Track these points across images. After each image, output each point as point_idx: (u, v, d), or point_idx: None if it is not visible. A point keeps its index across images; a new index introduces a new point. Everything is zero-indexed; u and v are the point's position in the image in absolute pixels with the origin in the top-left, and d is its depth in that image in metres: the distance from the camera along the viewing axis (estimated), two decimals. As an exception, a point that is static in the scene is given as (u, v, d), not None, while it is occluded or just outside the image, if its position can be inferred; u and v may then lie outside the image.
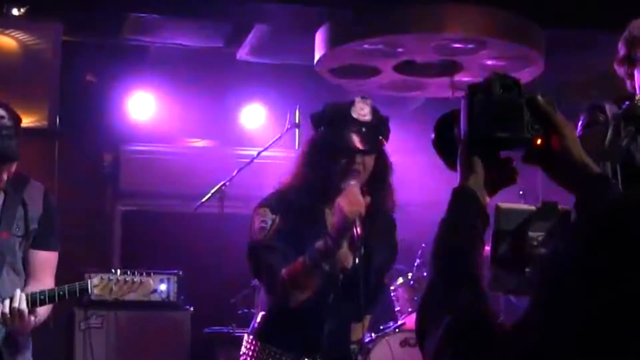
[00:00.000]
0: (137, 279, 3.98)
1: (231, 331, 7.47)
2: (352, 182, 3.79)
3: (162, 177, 9.10)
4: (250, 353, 4.02)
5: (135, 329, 7.36)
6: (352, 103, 3.92)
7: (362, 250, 3.83)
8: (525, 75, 8.02)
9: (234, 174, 7.34)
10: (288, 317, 3.96)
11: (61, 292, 3.95)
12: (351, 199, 3.71)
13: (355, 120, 3.89)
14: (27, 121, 8.29)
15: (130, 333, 7.31)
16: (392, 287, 8.09)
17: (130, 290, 3.99)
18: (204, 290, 7.89)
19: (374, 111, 3.97)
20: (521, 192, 7.81)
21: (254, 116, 9.05)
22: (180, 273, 7.55)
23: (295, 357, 3.95)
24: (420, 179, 9.33)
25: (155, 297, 7.40)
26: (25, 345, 4.18)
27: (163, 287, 7.46)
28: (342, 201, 3.70)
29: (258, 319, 4.09)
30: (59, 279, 4.29)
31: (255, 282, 4.17)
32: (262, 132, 8.74)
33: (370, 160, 3.93)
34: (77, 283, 3.97)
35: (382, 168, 4.06)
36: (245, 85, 8.68)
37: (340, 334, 4.05)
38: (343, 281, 3.89)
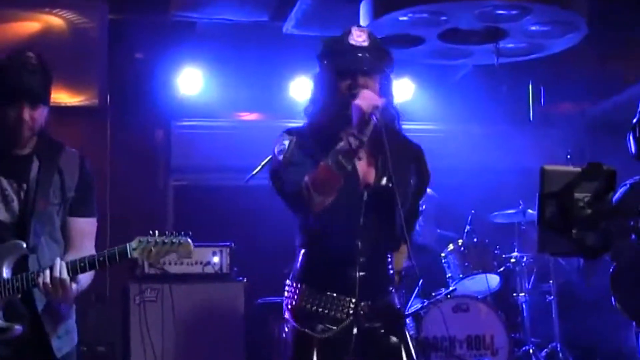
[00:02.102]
0: (175, 240, 3.86)
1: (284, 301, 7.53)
2: (366, 90, 3.86)
3: (212, 151, 9.17)
4: (293, 296, 4.06)
5: (189, 301, 7.39)
6: (349, 32, 4.02)
7: (388, 170, 3.86)
8: (568, 41, 8.01)
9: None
10: (323, 256, 4.01)
11: (101, 258, 3.85)
12: (367, 96, 3.78)
13: (353, 46, 3.98)
14: (78, 100, 8.45)
15: (185, 305, 7.34)
16: (442, 254, 8.13)
17: (169, 251, 3.87)
18: (256, 261, 7.96)
19: (372, 39, 4.03)
20: (569, 156, 7.80)
21: (303, 88, 9.07)
22: (233, 245, 7.60)
23: (335, 296, 3.97)
24: (468, 147, 9.34)
25: (208, 269, 7.50)
26: (68, 314, 4.11)
27: (216, 259, 7.53)
28: (358, 100, 3.77)
29: (297, 264, 4.13)
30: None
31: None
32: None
33: (372, 83, 3.97)
34: (116, 247, 3.86)
35: (388, 95, 4.06)
36: (292, 58, 8.69)
37: (377, 267, 4.06)
38: (369, 200, 3.94)
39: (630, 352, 7.94)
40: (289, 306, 4.07)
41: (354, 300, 3.96)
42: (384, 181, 3.98)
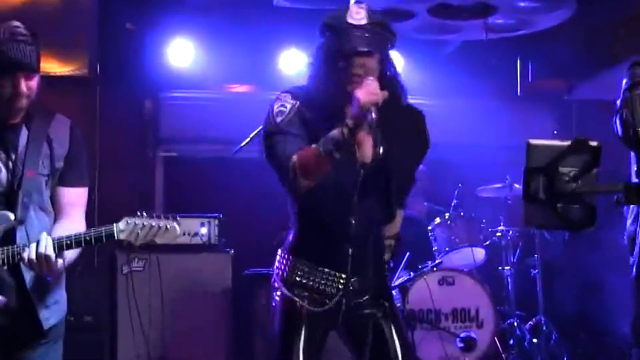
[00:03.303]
0: (162, 224, 3.86)
1: (271, 272, 7.55)
2: (371, 78, 3.80)
3: (201, 122, 9.17)
4: (283, 267, 4.08)
5: (176, 271, 7.41)
6: (347, 9, 3.94)
7: (384, 146, 3.86)
8: (557, 17, 8.03)
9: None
10: (316, 230, 4.03)
11: (87, 237, 3.83)
12: (369, 89, 3.71)
13: (351, 25, 3.90)
14: (67, 69, 8.43)
15: (172, 276, 7.35)
16: (429, 227, 8.18)
17: (156, 235, 3.87)
18: (244, 233, 7.99)
19: (371, 15, 3.94)
20: (555, 132, 7.86)
21: (292, 61, 9.07)
22: (221, 216, 7.63)
23: (326, 271, 4.00)
24: (456, 121, 9.37)
25: (196, 240, 7.50)
26: (57, 284, 4.11)
27: (204, 230, 7.54)
28: (359, 91, 3.71)
29: (290, 236, 4.14)
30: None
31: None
32: (300, 76, 8.76)
33: (371, 62, 3.91)
34: (103, 228, 3.84)
35: (390, 70, 4.06)
36: (282, 30, 8.69)
37: (370, 245, 4.07)
38: (365, 179, 3.87)
39: (613, 326, 8.04)
40: (279, 276, 4.10)
41: (344, 276, 3.98)
42: (379, 154, 3.93)
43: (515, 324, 8.26)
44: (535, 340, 8.24)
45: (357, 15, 3.91)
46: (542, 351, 8.17)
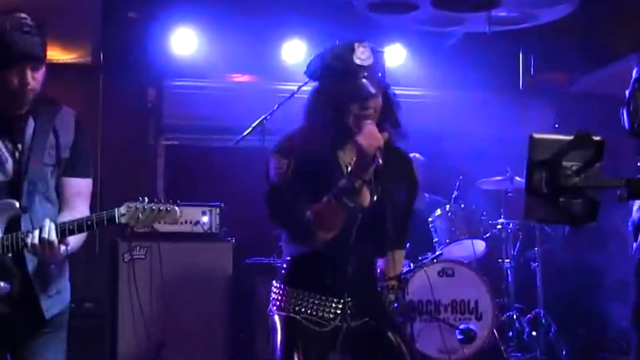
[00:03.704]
0: (163, 207, 3.88)
1: (272, 262, 7.58)
2: (368, 122, 3.79)
3: (204, 112, 9.18)
4: (280, 298, 4.09)
5: (177, 260, 7.42)
6: (352, 50, 3.86)
7: (380, 189, 3.85)
8: (559, 11, 8.04)
9: (275, 108, 7.39)
10: (312, 261, 4.03)
11: (89, 222, 3.84)
12: (369, 135, 3.71)
13: (360, 67, 3.84)
14: (71, 57, 8.46)
15: (173, 264, 7.37)
16: (430, 219, 8.19)
17: (156, 218, 3.89)
18: (245, 222, 8.00)
19: (374, 52, 3.91)
20: (556, 125, 7.87)
21: (295, 51, 9.08)
22: (222, 205, 7.65)
23: (323, 298, 4.02)
24: (457, 113, 9.39)
25: (197, 229, 7.53)
26: (60, 273, 4.13)
27: (205, 219, 7.57)
28: (360, 139, 3.70)
29: (284, 265, 4.16)
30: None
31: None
32: (303, 67, 8.76)
33: (379, 101, 3.90)
34: (104, 212, 3.85)
35: (390, 104, 4.03)
36: (286, 20, 8.70)
37: (365, 272, 4.12)
38: (362, 221, 3.94)
39: (612, 319, 8.06)
40: (276, 308, 4.11)
41: (342, 301, 4.02)
42: (375, 199, 3.93)
43: (515, 316, 8.29)
44: (534, 333, 8.27)
45: (363, 55, 3.86)
46: (541, 344, 8.19)
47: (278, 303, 4.10)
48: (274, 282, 4.17)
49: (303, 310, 4.03)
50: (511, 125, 9.10)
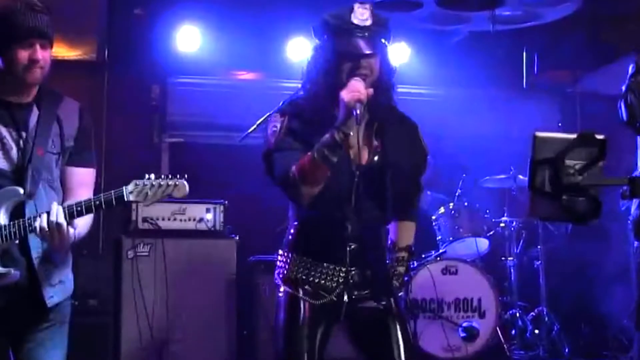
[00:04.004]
0: (171, 182, 3.89)
1: (276, 260, 7.58)
2: (356, 78, 3.83)
3: (208, 109, 9.20)
4: (285, 265, 4.11)
5: (181, 257, 7.40)
6: (351, 10, 3.92)
7: (378, 153, 3.93)
8: (563, 10, 8.05)
9: (280, 105, 7.39)
10: (314, 225, 4.06)
11: (97, 202, 3.84)
12: (352, 89, 3.74)
13: (357, 26, 3.89)
14: (76, 54, 8.47)
15: (177, 261, 7.35)
16: (433, 217, 8.20)
17: (164, 192, 3.88)
18: (249, 219, 8.02)
19: (374, 15, 3.96)
20: (560, 124, 7.88)
21: (299, 48, 9.09)
22: (226, 203, 7.65)
23: (325, 265, 4.03)
24: (461, 111, 9.40)
25: (201, 226, 7.53)
26: (63, 263, 4.12)
27: (209, 216, 7.56)
28: (343, 92, 3.74)
29: (291, 231, 4.16)
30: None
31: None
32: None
33: (375, 63, 3.93)
34: (112, 191, 3.85)
35: (386, 70, 4.05)
36: (290, 17, 8.70)
37: (368, 239, 4.09)
38: (361, 180, 3.97)
39: (614, 317, 8.07)
40: (281, 275, 4.12)
41: (344, 269, 4.02)
42: (375, 160, 4.00)
43: (518, 314, 8.30)
44: (537, 331, 8.28)
45: (362, 16, 3.92)
46: (544, 342, 8.20)
47: (282, 270, 4.11)
48: (279, 250, 4.19)
49: (305, 277, 4.03)
50: (515, 124, 9.11)
